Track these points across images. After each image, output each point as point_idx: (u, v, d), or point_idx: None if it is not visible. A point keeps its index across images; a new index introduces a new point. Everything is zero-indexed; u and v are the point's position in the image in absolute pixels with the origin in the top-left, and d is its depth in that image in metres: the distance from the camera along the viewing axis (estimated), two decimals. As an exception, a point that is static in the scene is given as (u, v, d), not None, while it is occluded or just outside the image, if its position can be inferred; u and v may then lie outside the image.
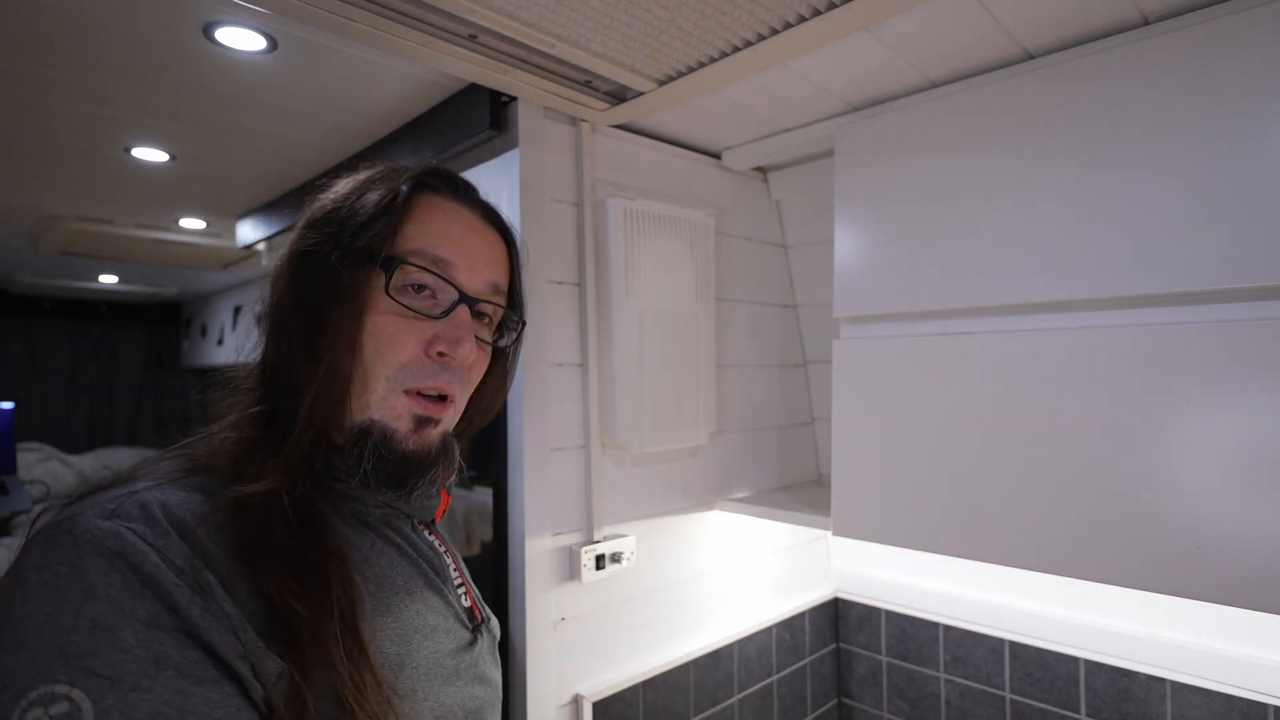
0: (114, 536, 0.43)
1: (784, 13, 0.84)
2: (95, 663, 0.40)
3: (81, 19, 0.96)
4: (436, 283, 0.58)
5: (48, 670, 0.39)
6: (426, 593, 0.59)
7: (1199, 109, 0.82)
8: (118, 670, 0.40)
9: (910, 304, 1.07)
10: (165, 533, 0.45)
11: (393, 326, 0.56)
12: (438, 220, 0.60)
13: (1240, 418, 0.78)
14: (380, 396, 0.56)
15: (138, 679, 0.40)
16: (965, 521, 0.99)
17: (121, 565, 0.43)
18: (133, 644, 0.41)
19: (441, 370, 0.58)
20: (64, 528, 0.44)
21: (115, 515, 0.45)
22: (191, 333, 4.15)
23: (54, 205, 2.00)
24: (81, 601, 0.41)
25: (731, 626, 1.39)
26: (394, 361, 0.56)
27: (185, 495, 0.49)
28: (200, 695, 0.41)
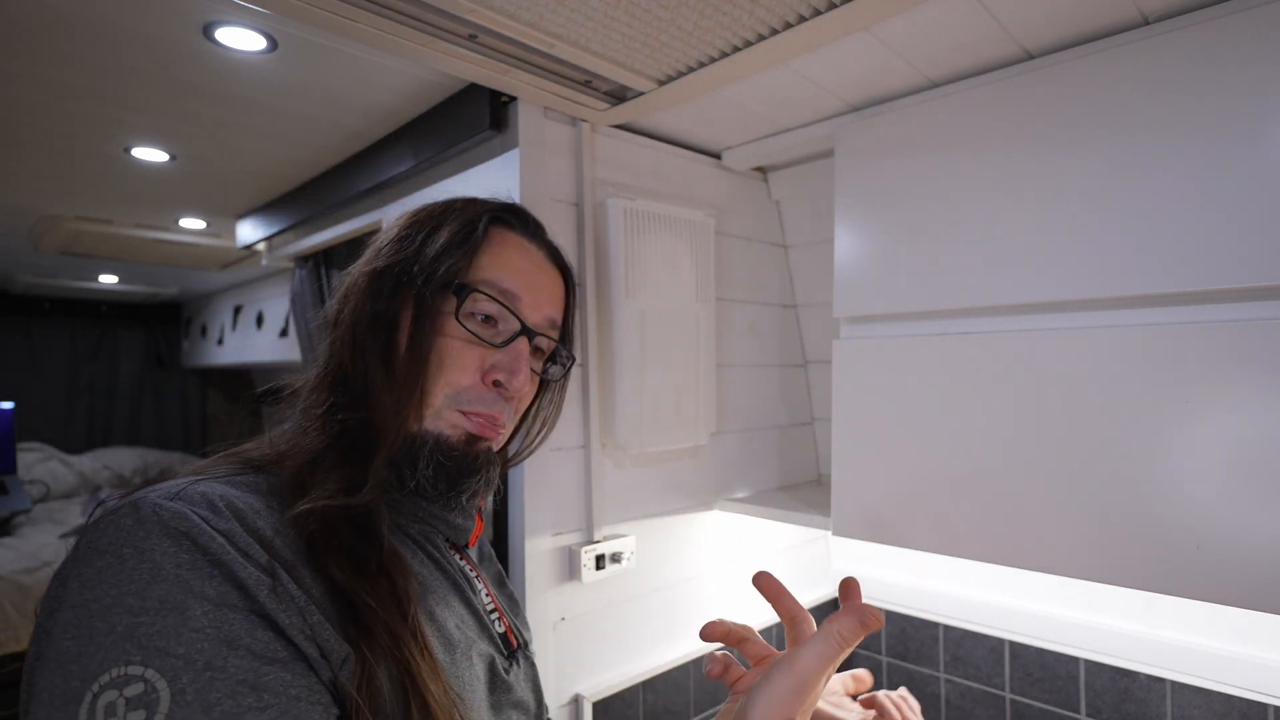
0: (180, 517, 0.44)
1: (784, 13, 0.83)
2: (168, 642, 0.39)
3: (82, 19, 0.96)
4: (501, 313, 0.61)
5: (120, 652, 0.39)
6: (463, 610, 0.60)
7: (1199, 109, 0.82)
8: (191, 650, 0.40)
9: (910, 304, 1.07)
10: (228, 519, 0.46)
11: (457, 350, 0.59)
12: (509, 254, 0.63)
13: (1241, 418, 0.78)
14: (435, 411, 0.59)
15: (210, 658, 0.40)
16: (966, 521, 0.99)
17: (189, 545, 0.43)
18: (204, 623, 0.41)
19: (495, 399, 0.61)
20: (127, 510, 0.44)
21: (180, 498, 0.45)
22: (191, 333, 4.15)
23: (54, 205, 2.01)
24: (149, 582, 0.41)
25: (731, 626, 1.39)
26: (454, 383, 0.59)
27: (242, 491, 0.50)
28: (273, 675, 0.41)
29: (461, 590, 0.61)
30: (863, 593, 1.61)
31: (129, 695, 0.38)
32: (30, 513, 3.14)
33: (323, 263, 1.96)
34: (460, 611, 0.60)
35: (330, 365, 0.60)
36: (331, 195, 1.60)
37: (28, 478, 3.45)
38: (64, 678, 0.39)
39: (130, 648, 0.39)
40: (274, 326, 2.97)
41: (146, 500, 0.45)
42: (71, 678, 0.39)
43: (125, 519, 0.43)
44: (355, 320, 0.60)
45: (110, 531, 0.43)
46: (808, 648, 0.43)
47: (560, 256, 0.69)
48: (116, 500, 0.47)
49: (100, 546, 0.42)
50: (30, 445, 3.68)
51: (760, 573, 0.56)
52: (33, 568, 2.62)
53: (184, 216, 2.15)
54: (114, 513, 0.44)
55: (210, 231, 2.32)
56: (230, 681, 0.40)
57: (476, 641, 0.59)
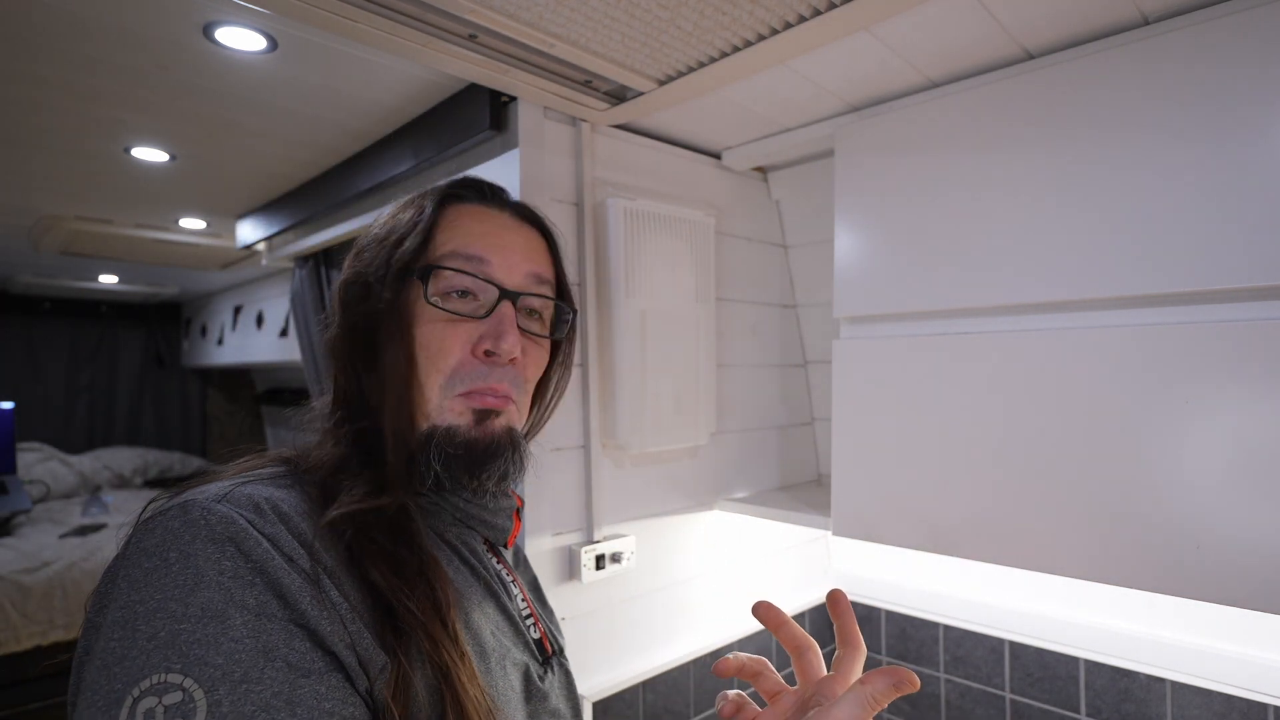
0: (226, 522, 0.44)
1: (784, 13, 0.83)
2: (207, 652, 0.40)
3: (82, 19, 0.96)
4: (476, 283, 0.59)
5: (161, 659, 0.39)
6: (498, 616, 0.59)
7: (1199, 109, 0.82)
8: (229, 660, 0.40)
9: (910, 304, 1.07)
10: (274, 522, 0.46)
11: (440, 333, 0.58)
12: (466, 223, 0.61)
13: (1240, 418, 0.78)
14: (436, 404, 0.57)
15: (248, 669, 0.40)
16: (965, 521, 0.99)
17: (233, 551, 0.43)
18: (243, 633, 0.41)
19: (491, 370, 0.58)
20: (175, 512, 0.45)
21: (227, 500, 0.46)
22: (191, 333, 4.15)
23: (54, 205, 2.00)
24: (193, 588, 0.41)
25: (731, 626, 1.39)
26: (444, 368, 0.57)
27: (285, 493, 0.50)
28: (308, 687, 0.42)
29: (497, 595, 0.60)
30: (863, 593, 1.62)
31: (167, 703, 0.38)
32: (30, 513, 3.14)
33: (323, 263, 1.96)
34: (495, 618, 0.59)
35: (335, 380, 0.61)
36: (331, 195, 1.60)
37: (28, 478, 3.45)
38: (108, 678, 0.39)
39: (171, 655, 0.40)
40: (274, 326, 2.97)
41: (195, 503, 0.45)
42: (115, 679, 0.39)
43: (174, 521, 0.44)
44: (340, 333, 0.60)
45: (159, 533, 0.44)
46: (839, 711, 0.40)
47: (529, 211, 0.66)
48: (166, 499, 0.47)
49: (148, 548, 0.43)
50: (30, 445, 3.68)
51: (760, 602, 0.54)
52: (33, 568, 2.62)
53: (184, 216, 2.15)
54: (163, 513, 0.45)
55: (210, 231, 2.32)
56: (265, 694, 0.40)
57: (511, 649, 0.58)
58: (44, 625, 2.56)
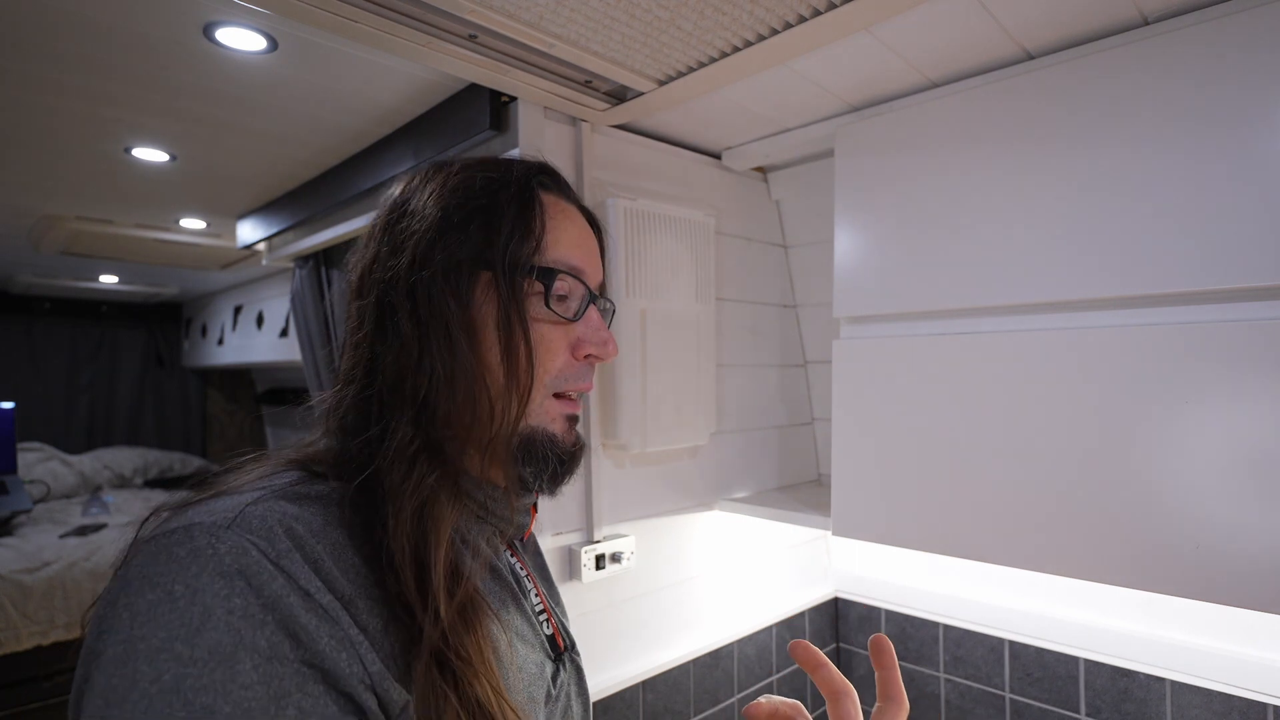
0: (237, 553, 0.41)
1: (784, 13, 0.84)
2: (215, 700, 0.37)
3: (82, 19, 0.96)
4: (573, 286, 0.59)
5: (165, 705, 0.37)
6: (517, 618, 0.58)
7: (1199, 109, 0.82)
8: (237, 708, 0.38)
9: (910, 304, 1.07)
10: (288, 551, 0.43)
11: (549, 335, 0.58)
12: (566, 226, 0.60)
13: (1240, 418, 0.78)
14: (538, 404, 0.57)
15: (257, 717, 0.38)
16: (965, 521, 0.99)
17: (243, 587, 0.40)
18: (253, 679, 0.39)
19: (588, 371, 0.60)
20: (179, 538, 0.41)
21: (237, 525, 0.42)
22: (191, 333, 4.15)
23: (54, 205, 2.01)
24: (199, 628, 0.38)
25: (731, 626, 1.39)
26: (551, 369, 0.58)
27: (304, 509, 0.46)
28: None
29: (517, 597, 0.59)
30: (863, 593, 1.61)
31: None
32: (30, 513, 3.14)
33: (323, 263, 1.96)
34: (517, 623, 0.58)
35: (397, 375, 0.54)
36: (331, 195, 1.60)
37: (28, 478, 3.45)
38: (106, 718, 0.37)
39: (175, 702, 0.37)
40: (274, 326, 2.97)
41: (202, 528, 0.42)
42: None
43: (179, 548, 0.41)
44: (434, 321, 0.54)
45: (163, 561, 0.40)
46: None
47: (590, 211, 0.66)
48: (171, 517, 0.44)
49: (151, 576, 0.40)
50: (30, 445, 3.68)
51: (796, 642, 0.54)
52: (33, 568, 2.62)
53: (184, 216, 2.15)
54: (168, 536, 0.42)
55: (210, 231, 2.32)
56: None
57: (530, 654, 0.58)
58: (44, 625, 2.56)
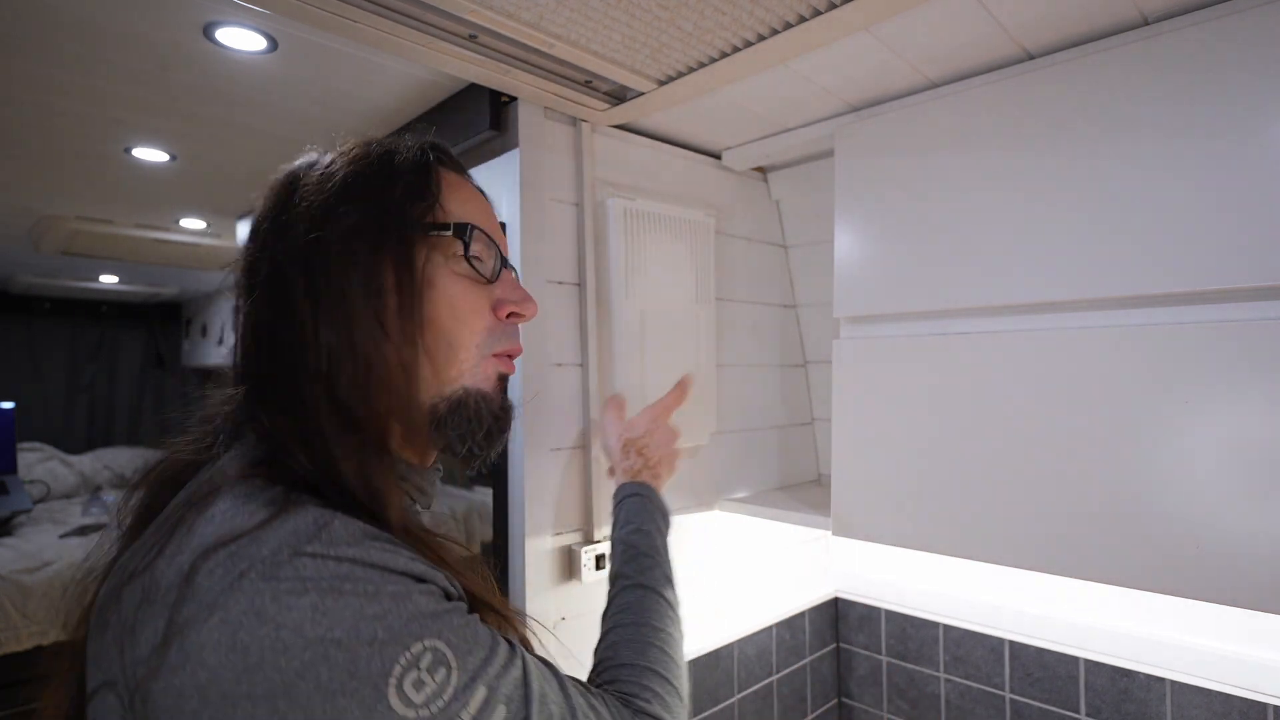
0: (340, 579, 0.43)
1: (784, 13, 0.84)
2: (420, 616, 0.43)
3: (82, 19, 0.96)
4: (489, 249, 0.59)
5: (393, 645, 0.42)
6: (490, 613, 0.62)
7: (1199, 108, 0.82)
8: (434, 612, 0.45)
9: (910, 304, 1.07)
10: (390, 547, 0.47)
11: (472, 293, 0.58)
12: (465, 195, 0.60)
13: (1240, 418, 0.78)
14: (472, 364, 0.57)
15: (446, 616, 0.45)
16: (965, 521, 0.99)
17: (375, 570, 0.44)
18: (426, 601, 0.45)
19: (514, 333, 0.61)
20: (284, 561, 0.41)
21: (333, 537, 0.44)
22: (192, 333, 4.15)
23: (54, 205, 2.01)
24: (374, 593, 0.43)
25: (731, 626, 1.39)
26: (480, 328, 0.58)
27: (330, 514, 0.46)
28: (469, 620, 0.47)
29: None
30: (863, 593, 1.61)
31: (424, 664, 0.42)
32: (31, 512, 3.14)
33: (323, 263, 1.95)
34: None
35: (301, 354, 0.51)
36: (331, 195, 1.60)
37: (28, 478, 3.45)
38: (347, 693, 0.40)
39: (400, 636, 0.42)
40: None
41: (312, 550, 0.42)
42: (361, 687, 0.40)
43: (306, 566, 0.41)
44: (330, 292, 0.51)
45: (290, 577, 0.41)
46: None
47: (483, 191, 0.67)
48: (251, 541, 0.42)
49: (265, 612, 0.39)
50: (30, 445, 3.68)
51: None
52: (33, 568, 2.62)
53: (184, 216, 2.15)
54: (270, 564, 0.41)
55: (210, 231, 2.32)
56: (481, 632, 0.47)
57: None
58: (44, 625, 2.56)
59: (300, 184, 0.56)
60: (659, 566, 0.74)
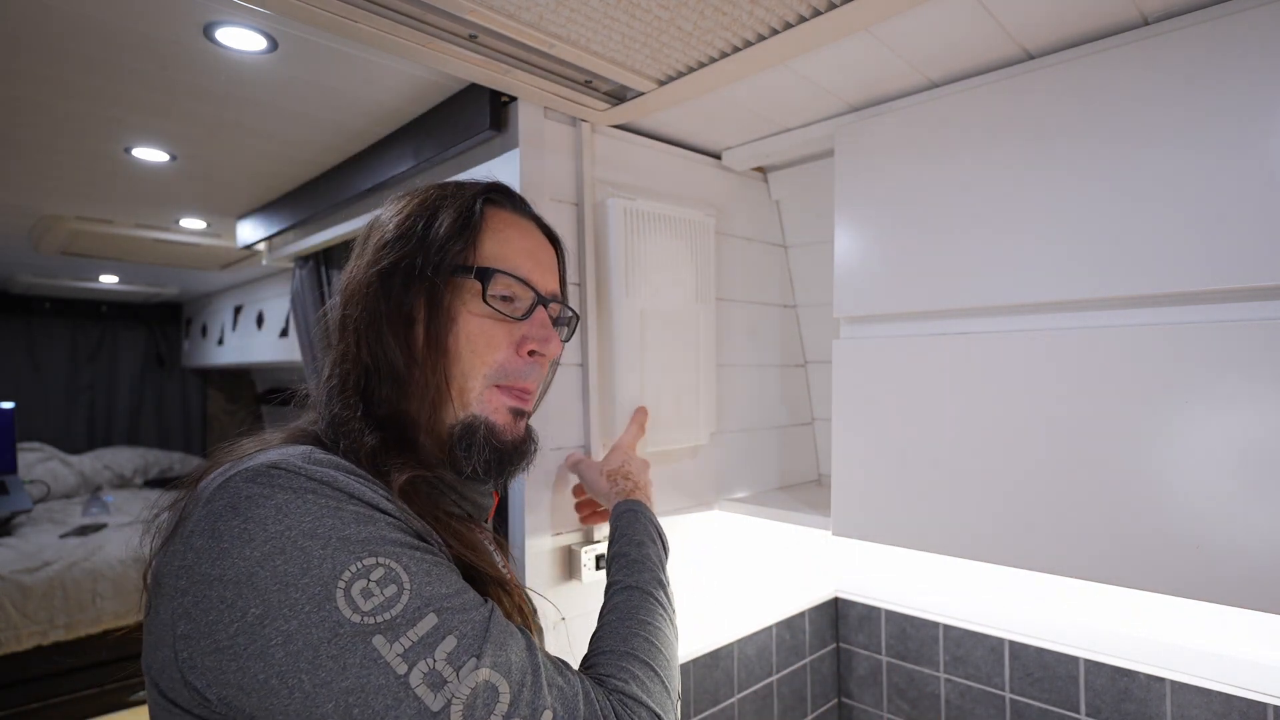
0: (326, 471, 0.50)
1: (784, 13, 0.84)
2: (378, 538, 0.48)
3: (82, 19, 0.96)
4: (520, 289, 0.66)
5: (347, 554, 0.46)
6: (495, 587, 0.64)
7: (1199, 109, 0.82)
8: (397, 540, 0.49)
9: (910, 304, 1.07)
10: (356, 472, 0.53)
11: (488, 329, 0.64)
12: (512, 236, 0.67)
13: (1240, 418, 0.78)
14: (478, 394, 0.64)
15: (411, 549, 0.49)
16: (965, 521, 0.99)
17: (345, 495, 0.50)
18: (391, 529, 0.50)
19: (532, 368, 0.67)
20: (266, 468, 0.49)
21: (313, 460, 0.51)
22: (191, 333, 4.15)
23: (54, 205, 2.01)
24: (337, 509, 0.48)
25: (731, 626, 1.40)
26: (491, 360, 0.64)
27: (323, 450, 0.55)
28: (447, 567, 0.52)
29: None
30: (863, 593, 1.61)
31: (375, 578, 0.46)
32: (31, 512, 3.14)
33: (323, 263, 1.96)
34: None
35: (350, 368, 0.62)
36: (331, 195, 1.60)
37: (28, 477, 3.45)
38: (299, 590, 0.45)
39: (356, 548, 0.47)
40: (274, 326, 2.97)
41: (285, 461, 0.49)
42: (311, 586, 0.45)
43: (275, 474, 0.48)
44: (371, 320, 0.61)
45: (263, 482, 0.48)
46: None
47: (548, 226, 0.75)
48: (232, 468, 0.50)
49: (260, 494, 0.47)
50: (30, 445, 3.68)
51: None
52: (33, 568, 2.62)
53: (184, 216, 2.15)
54: (253, 469, 0.49)
55: (210, 231, 2.32)
56: (435, 565, 0.50)
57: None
58: (44, 625, 2.56)
59: (375, 225, 0.67)
60: (650, 571, 0.76)
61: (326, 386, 0.63)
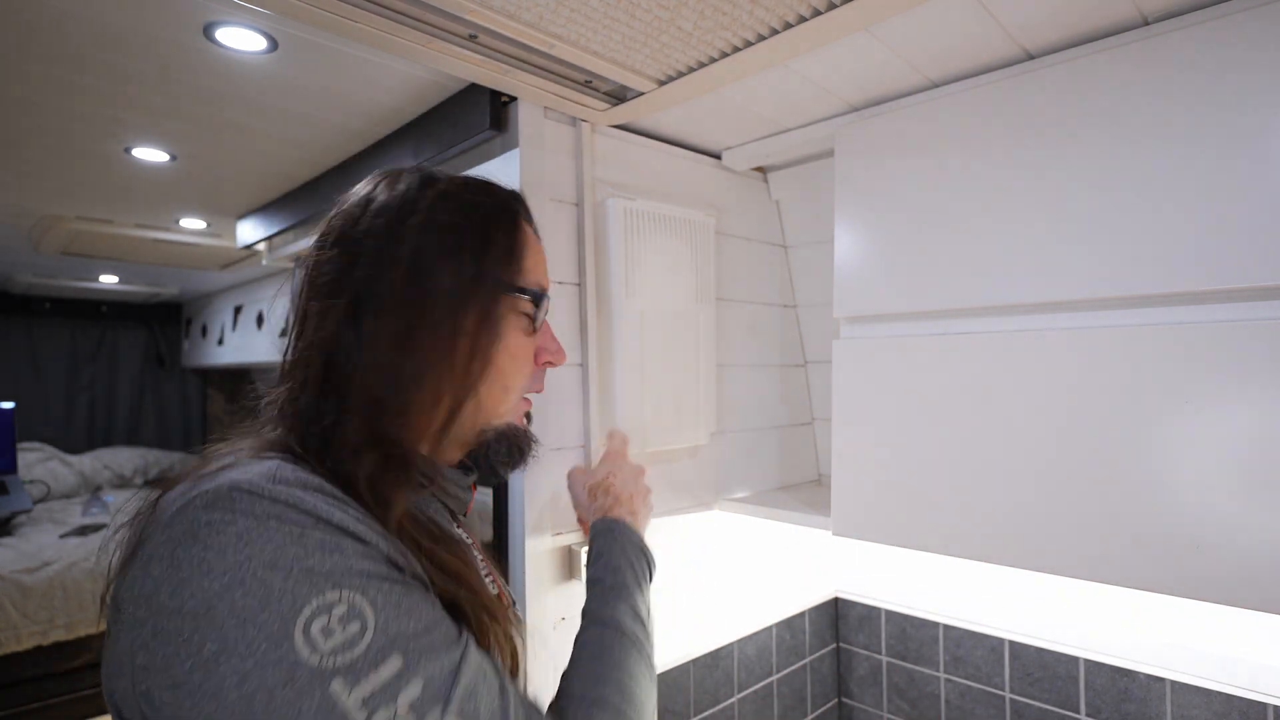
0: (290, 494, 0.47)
1: (784, 13, 0.84)
2: (344, 569, 0.45)
3: (82, 19, 0.96)
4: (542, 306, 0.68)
5: (309, 587, 0.43)
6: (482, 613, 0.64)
7: (1199, 108, 0.82)
8: (365, 571, 0.46)
9: (910, 304, 1.07)
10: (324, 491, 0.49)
11: (526, 346, 0.67)
12: (539, 251, 0.69)
13: (1240, 418, 0.78)
14: (512, 405, 0.67)
15: (380, 580, 0.46)
16: (965, 521, 0.99)
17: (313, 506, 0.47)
18: (359, 556, 0.46)
19: (542, 375, 0.71)
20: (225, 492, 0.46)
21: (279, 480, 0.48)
22: (191, 333, 4.15)
23: (54, 205, 2.01)
24: (300, 536, 0.45)
25: (731, 626, 1.40)
26: (527, 374, 0.68)
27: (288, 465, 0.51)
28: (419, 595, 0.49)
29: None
30: (863, 593, 1.61)
31: (337, 615, 0.43)
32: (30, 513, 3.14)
33: (323, 263, 1.95)
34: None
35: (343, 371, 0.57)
36: (332, 195, 1.59)
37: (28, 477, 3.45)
38: (257, 626, 0.42)
39: (318, 581, 0.43)
40: (274, 326, 2.97)
41: (247, 482, 0.46)
42: (269, 622, 0.42)
43: (236, 496, 0.45)
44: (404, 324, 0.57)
45: (222, 508, 0.45)
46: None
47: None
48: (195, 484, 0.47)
49: (220, 520, 0.44)
50: (30, 445, 3.68)
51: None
52: (33, 568, 2.62)
53: (184, 216, 2.15)
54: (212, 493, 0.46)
55: (210, 231, 2.32)
56: (406, 596, 0.47)
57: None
58: (44, 625, 2.57)
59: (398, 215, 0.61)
60: (624, 599, 0.73)
61: (304, 390, 0.58)
